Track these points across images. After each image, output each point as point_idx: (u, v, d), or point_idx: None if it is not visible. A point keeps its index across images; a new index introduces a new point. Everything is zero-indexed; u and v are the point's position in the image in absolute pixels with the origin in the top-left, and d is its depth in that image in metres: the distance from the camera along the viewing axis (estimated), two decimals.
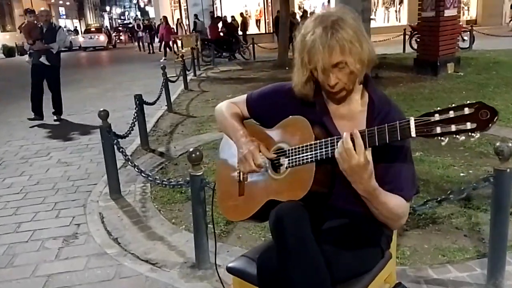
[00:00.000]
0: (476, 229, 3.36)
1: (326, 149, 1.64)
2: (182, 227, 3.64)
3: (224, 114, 1.99)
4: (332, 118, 1.79)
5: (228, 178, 1.97)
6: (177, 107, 8.80)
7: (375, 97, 1.77)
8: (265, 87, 2.00)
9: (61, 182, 4.97)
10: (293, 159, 1.74)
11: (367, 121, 1.74)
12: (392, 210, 1.66)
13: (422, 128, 1.41)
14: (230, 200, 1.95)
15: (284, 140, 1.81)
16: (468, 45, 14.13)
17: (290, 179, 1.75)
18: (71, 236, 3.67)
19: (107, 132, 4.16)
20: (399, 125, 1.46)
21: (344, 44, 1.58)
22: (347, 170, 1.54)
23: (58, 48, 8.02)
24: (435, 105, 6.20)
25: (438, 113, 1.38)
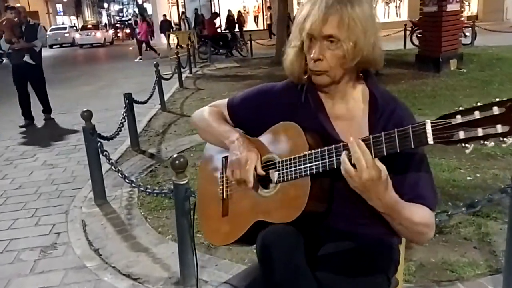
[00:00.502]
0: (486, 240, 3.10)
1: (323, 161, 1.38)
2: (168, 237, 3.38)
3: (207, 119, 1.70)
4: (329, 118, 1.52)
5: (210, 195, 1.69)
6: (171, 105, 8.54)
7: (377, 92, 1.50)
8: (249, 89, 1.72)
9: (44, 186, 4.71)
10: (285, 173, 1.47)
11: (370, 121, 1.48)
12: (420, 223, 1.40)
13: (441, 132, 1.15)
14: (212, 222, 1.68)
15: (273, 150, 1.54)
16: (470, 41, 13.85)
17: (281, 197, 1.49)
18: (49, 246, 3.41)
19: (91, 134, 3.88)
20: (412, 129, 1.20)
21: (345, 19, 1.34)
22: (359, 187, 1.29)
23: (40, 45, 7.64)
24: (439, 103, 5.95)
25: (460, 114, 1.12)
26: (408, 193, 1.41)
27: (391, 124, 1.43)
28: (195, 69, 14.04)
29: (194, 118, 1.77)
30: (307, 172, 1.41)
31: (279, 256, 1.34)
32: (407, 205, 1.37)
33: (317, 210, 1.47)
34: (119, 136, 4.96)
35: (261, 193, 1.54)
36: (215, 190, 1.67)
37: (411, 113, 1.52)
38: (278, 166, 1.50)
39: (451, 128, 1.13)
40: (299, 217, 1.41)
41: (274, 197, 1.50)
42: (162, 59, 15.85)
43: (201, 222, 1.73)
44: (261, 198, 1.53)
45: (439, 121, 1.16)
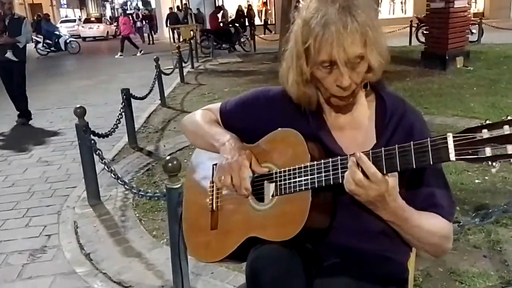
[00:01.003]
0: (497, 248, 2.95)
1: (327, 174, 1.23)
2: (163, 241, 3.23)
3: (197, 121, 1.54)
4: (331, 130, 1.36)
5: (197, 206, 1.53)
6: (171, 101, 8.38)
7: (385, 95, 1.35)
8: (243, 94, 1.56)
9: (38, 184, 4.56)
10: (283, 186, 1.32)
11: (377, 129, 1.33)
12: (432, 233, 1.27)
13: (464, 148, 1.02)
14: (199, 235, 1.51)
15: (270, 160, 1.38)
16: (477, 39, 13.63)
17: (277, 212, 1.33)
18: (38, 250, 3.27)
19: (84, 131, 3.73)
20: (431, 143, 1.06)
21: (368, 31, 1.16)
22: (367, 203, 1.18)
23: (25, 42, 7.03)
24: (445, 101, 5.74)
25: (486, 128, 1.00)
26: (422, 202, 1.29)
27: (401, 130, 1.30)
28: (197, 63, 13.89)
29: (185, 122, 1.62)
30: (308, 186, 1.26)
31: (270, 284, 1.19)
32: (416, 213, 1.24)
33: (318, 226, 1.32)
34: (117, 133, 4.84)
35: (255, 206, 1.38)
36: (203, 201, 1.51)
37: (422, 117, 1.37)
38: (275, 177, 1.34)
39: (476, 144, 1.00)
40: (297, 235, 1.26)
41: (269, 211, 1.34)
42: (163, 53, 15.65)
43: (187, 235, 1.57)
44: (255, 212, 1.37)
45: (463, 135, 1.02)
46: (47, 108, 8.35)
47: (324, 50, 1.17)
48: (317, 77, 1.24)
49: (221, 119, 1.54)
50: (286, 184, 1.31)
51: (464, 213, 3.38)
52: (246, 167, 1.33)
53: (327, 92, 1.27)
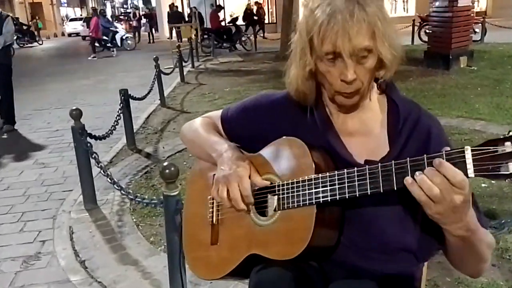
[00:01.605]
0: (505, 256, 2.84)
1: (333, 188, 1.13)
2: (160, 248, 3.13)
3: (197, 130, 1.44)
4: (340, 135, 1.26)
5: (198, 218, 1.44)
6: (171, 101, 8.27)
7: (397, 99, 1.25)
8: (246, 99, 1.46)
9: (33, 187, 4.46)
10: (285, 199, 1.22)
11: (389, 136, 1.23)
12: (488, 245, 1.17)
13: (484, 163, 0.92)
14: (199, 250, 1.42)
15: (272, 171, 1.28)
16: (480, 38, 13.51)
17: (280, 228, 1.23)
18: (32, 256, 3.17)
19: (80, 134, 3.63)
20: (447, 157, 0.96)
21: (376, 22, 1.07)
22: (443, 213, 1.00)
23: (4, 43, 6.33)
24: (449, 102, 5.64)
25: (510, 141, 0.90)
26: None
27: (416, 136, 1.20)
28: (198, 63, 13.78)
29: (184, 130, 1.52)
30: (313, 201, 1.16)
31: None
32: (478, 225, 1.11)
33: (324, 244, 1.22)
34: (115, 134, 4.76)
35: (257, 221, 1.28)
36: (204, 213, 1.41)
37: (438, 122, 1.27)
38: (278, 190, 1.24)
39: (498, 159, 0.90)
40: (302, 253, 1.16)
41: (272, 227, 1.25)
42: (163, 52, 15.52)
43: (187, 249, 1.48)
44: (257, 227, 1.27)
45: (483, 148, 0.92)
46: (45, 108, 8.25)
47: (328, 40, 1.08)
48: (321, 71, 1.15)
49: (223, 127, 1.45)
50: (289, 198, 1.21)
51: (480, 210, 3.28)
52: (245, 179, 1.22)
53: (332, 89, 1.17)
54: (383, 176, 1.05)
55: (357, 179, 1.09)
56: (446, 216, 1.01)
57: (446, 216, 1.01)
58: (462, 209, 1.00)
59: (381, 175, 1.05)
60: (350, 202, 1.12)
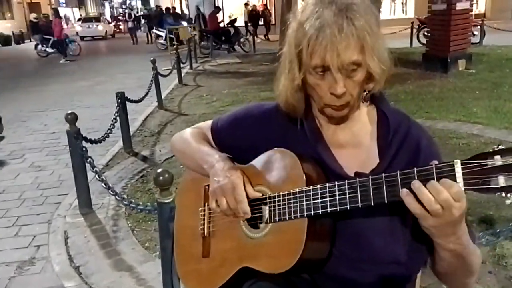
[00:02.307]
0: (502, 263, 2.83)
1: (324, 200, 1.12)
2: (155, 253, 3.11)
3: (187, 141, 1.43)
4: (330, 147, 1.24)
5: (189, 230, 1.42)
6: (168, 103, 8.26)
7: (387, 110, 1.24)
8: (236, 110, 1.45)
9: (29, 191, 4.44)
10: (277, 211, 1.21)
11: (379, 148, 1.21)
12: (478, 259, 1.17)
13: (474, 177, 0.91)
14: (190, 262, 1.40)
15: (263, 182, 1.26)
16: (479, 40, 13.52)
17: (271, 240, 1.22)
18: (27, 261, 3.15)
19: (75, 138, 3.61)
20: (436, 170, 0.95)
21: (365, 36, 1.06)
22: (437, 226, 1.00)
23: None
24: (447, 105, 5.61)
25: (499, 154, 0.90)
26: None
27: (406, 148, 1.19)
28: (196, 64, 13.77)
29: (174, 140, 1.51)
30: (304, 214, 1.15)
31: None
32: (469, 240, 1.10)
33: (315, 257, 1.20)
34: (112, 137, 4.74)
35: (248, 233, 1.27)
36: (195, 225, 1.40)
37: (428, 134, 1.26)
38: (269, 202, 1.23)
39: (488, 172, 0.90)
40: (293, 267, 1.14)
41: (263, 239, 1.23)
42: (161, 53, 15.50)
43: (178, 261, 1.46)
44: (249, 240, 1.26)
45: (472, 161, 0.91)
46: (42, 110, 8.23)
47: (317, 54, 1.07)
48: (310, 84, 1.14)
49: (213, 138, 1.43)
50: (281, 210, 1.20)
51: (469, 224, 3.26)
52: (240, 187, 1.22)
53: (321, 101, 1.16)
54: (373, 189, 1.04)
55: (348, 192, 1.08)
56: (440, 229, 1.01)
57: (441, 229, 1.01)
58: (457, 223, 0.99)
59: (372, 188, 1.04)
60: (340, 214, 1.11)
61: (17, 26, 32.01)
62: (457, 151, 4.63)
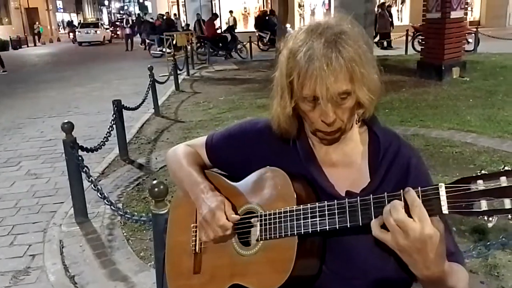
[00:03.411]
0: (494, 273, 2.86)
1: (314, 220, 1.14)
2: (150, 263, 3.13)
3: (180, 161, 1.45)
4: (322, 166, 1.27)
5: (180, 245, 1.44)
6: (165, 110, 8.28)
7: (378, 131, 1.27)
8: (230, 126, 1.47)
9: (25, 199, 4.45)
10: (267, 229, 1.23)
11: (370, 167, 1.24)
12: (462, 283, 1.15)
13: (458, 201, 0.93)
14: (181, 278, 1.42)
15: (256, 200, 1.29)
16: (473, 48, 13.61)
17: (262, 258, 1.24)
18: (22, 271, 3.17)
19: (71, 147, 3.63)
20: (422, 193, 0.98)
21: (354, 66, 1.09)
22: (403, 248, 1.00)
23: None
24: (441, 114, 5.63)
25: (482, 179, 0.92)
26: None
27: (396, 167, 1.21)
28: (193, 71, 13.80)
29: (168, 157, 1.52)
30: (294, 232, 1.17)
31: None
32: (452, 271, 1.10)
33: (306, 274, 1.22)
34: (108, 144, 4.75)
35: (240, 250, 1.29)
36: (187, 240, 1.41)
37: (418, 153, 1.28)
38: (260, 220, 1.25)
39: (471, 196, 0.92)
40: (284, 283, 1.17)
41: (254, 257, 1.25)
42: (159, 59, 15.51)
43: (169, 277, 1.48)
44: (239, 257, 1.28)
45: (456, 186, 0.94)
46: (38, 117, 8.23)
47: (307, 86, 1.10)
48: (302, 110, 1.18)
49: (207, 154, 1.46)
50: (271, 228, 1.22)
51: (461, 234, 3.30)
52: (220, 215, 1.25)
53: (313, 126, 1.20)
54: (362, 209, 1.06)
55: (337, 212, 1.10)
56: (405, 254, 1.01)
57: (406, 254, 1.01)
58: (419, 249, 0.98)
59: (360, 209, 1.07)
60: (331, 231, 1.13)
61: (14, 31, 32.00)
62: (451, 159, 4.67)
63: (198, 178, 1.37)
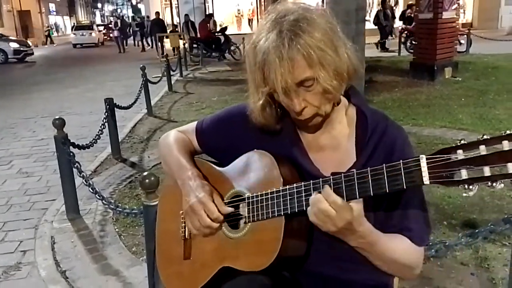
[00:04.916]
0: (484, 265, 2.87)
1: (299, 199, 1.15)
2: (142, 258, 3.12)
3: (170, 146, 1.46)
4: (308, 151, 1.28)
5: (170, 233, 1.44)
6: (158, 110, 8.27)
7: (366, 110, 1.28)
8: (220, 111, 1.49)
9: (16, 197, 4.43)
10: (255, 211, 1.24)
11: (357, 147, 1.25)
12: (400, 258, 1.21)
13: (439, 171, 0.96)
14: (172, 265, 1.43)
15: (243, 184, 1.30)
16: (465, 49, 13.69)
17: (250, 240, 1.25)
18: (13, 266, 3.15)
19: (62, 143, 3.61)
20: (404, 166, 1.00)
21: (311, 53, 1.09)
22: (331, 232, 1.11)
23: None
24: (433, 112, 5.65)
25: (462, 149, 0.94)
26: (395, 225, 1.22)
27: (382, 147, 1.23)
28: (186, 72, 13.78)
29: (160, 142, 1.53)
30: (281, 212, 1.18)
31: None
32: (385, 237, 1.17)
33: (294, 254, 1.24)
34: (100, 143, 4.74)
35: (228, 233, 1.30)
36: (176, 228, 1.42)
37: (405, 134, 1.30)
38: (247, 203, 1.26)
39: (451, 166, 0.94)
40: (272, 264, 1.17)
41: (242, 239, 1.26)
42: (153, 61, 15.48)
43: (160, 265, 1.48)
44: (228, 240, 1.29)
45: (437, 156, 0.96)
46: (30, 117, 8.20)
47: (268, 79, 1.13)
48: (277, 99, 1.20)
49: (197, 139, 1.47)
50: (258, 210, 1.23)
51: (452, 228, 3.32)
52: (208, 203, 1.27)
53: (291, 114, 1.22)
54: (346, 186, 1.08)
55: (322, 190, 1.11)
56: (334, 234, 1.11)
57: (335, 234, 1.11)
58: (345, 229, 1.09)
59: (345, 186, 1.08)
60: None
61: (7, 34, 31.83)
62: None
63: (186, 164, 1.38)
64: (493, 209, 3.58)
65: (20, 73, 16.80)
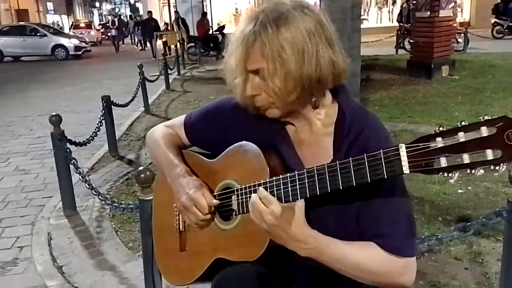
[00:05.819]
0: (478, 260, 2.89)
1: (286, 189, 1.16)
2: (138, 253, 3.13)
3: (158, 142, 1.47)
4: (293, 144, 1.30)
5: (166, 226, 1.47)
6: (155, 108, 8.28)
7: (347, 109, 1.27)
8: (207, 104, 1.50)
9: (13, 194, 4.44)
10: (244, 203, 1.26)
11: (335, 145, 1.25)
12: (368, 268, 1.17)
13: (418, 160, 0.95)
14: (169, 257, 1.46)
15: (232, 175, 1.32)
16: (463, 47, 13.73)
17: (241, 231, 1.27)
18: (9, 262, 3.15)
19: (59, 140, 3.62)
20: (384, 155, 1.00)
21: (268, 47, 1.13)
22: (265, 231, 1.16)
23: None
24: (430, 110, 5.66)
25: (441, 136, 0.93)
26: (366, 232, 1.19)
27: (355, 148, 1.20)
28: (184, 70, 13.79)
29: (148, 137, 1.54)
30: None
31: None
32: (343, 245, 1.16)
33: None
34: (97, 141, 4.75)
35: (220, 225, 1.32)
36: (171, 220, 1.44)
37: (385, 136, 1.27)
38: (237, 194, 1.28)
39: (431, 154, 0.94)
40: (263, 254, 1.20)
41: (234, 231, 1.29)
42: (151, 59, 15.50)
43: (157, 256, 1.51)
44: (221, 232, 1.31)
45: (416, 145, 0.96)
46: (28, 115, 8.20)
47: (231, 59, 1.22)
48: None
49: (186, 133, 1.48)
50: (248, 201, 1.24)
51: (446, 223, 3.34)
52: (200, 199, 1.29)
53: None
54: (330, 176, 1.09)
55: (307, 181, 1.12)
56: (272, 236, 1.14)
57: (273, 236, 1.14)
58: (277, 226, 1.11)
59: (328, 176, 1.09)
60: (307, 204, 1.14)
61: None
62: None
63: (175, 160, 1.40)
64: (488, 205, 3.60)
65: (16, 71, 16.76)
